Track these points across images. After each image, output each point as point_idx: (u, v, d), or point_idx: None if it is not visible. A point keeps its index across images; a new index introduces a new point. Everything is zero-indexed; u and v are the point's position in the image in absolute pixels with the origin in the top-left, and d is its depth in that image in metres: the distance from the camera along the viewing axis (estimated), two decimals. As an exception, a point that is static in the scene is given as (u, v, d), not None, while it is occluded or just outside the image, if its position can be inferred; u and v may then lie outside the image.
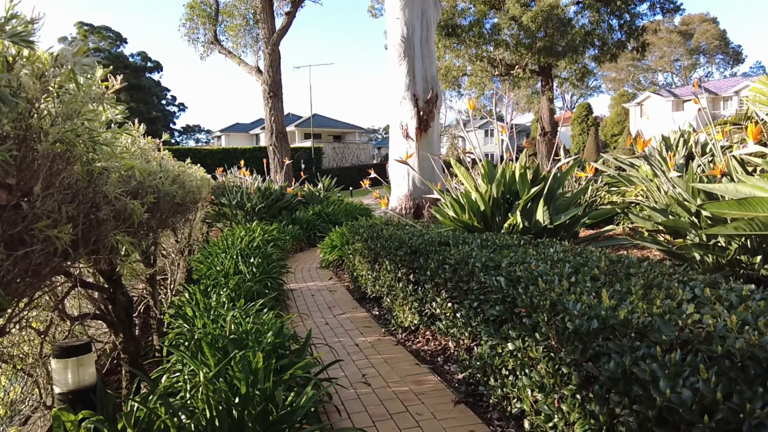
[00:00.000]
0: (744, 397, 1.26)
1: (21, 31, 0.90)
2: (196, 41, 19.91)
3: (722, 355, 1.34)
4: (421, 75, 10.08)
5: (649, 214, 4.76)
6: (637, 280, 2.23)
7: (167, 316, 4.46)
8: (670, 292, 1.96)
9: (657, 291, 1.99)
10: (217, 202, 12.01)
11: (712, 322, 1.54)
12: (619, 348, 1.57)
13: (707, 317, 1.61)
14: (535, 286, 2.34)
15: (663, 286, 2.08)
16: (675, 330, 1.55)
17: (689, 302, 1.85)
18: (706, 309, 1.69)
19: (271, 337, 3.28)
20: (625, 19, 24.95)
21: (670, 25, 59.13)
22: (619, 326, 1.65)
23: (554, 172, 5.30)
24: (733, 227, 2.89)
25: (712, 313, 1.64)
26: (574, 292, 2.09)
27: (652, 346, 1.48)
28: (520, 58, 25.59)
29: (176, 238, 5.62)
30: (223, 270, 5.91)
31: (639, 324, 1.62)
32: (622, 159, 7.50)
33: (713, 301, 1.84)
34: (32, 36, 0.93)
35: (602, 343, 1.66)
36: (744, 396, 1.26)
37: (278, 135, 17.34)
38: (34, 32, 0.94)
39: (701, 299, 1.87)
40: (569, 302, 1.94)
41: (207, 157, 33.44)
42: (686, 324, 1.57)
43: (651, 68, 64.98)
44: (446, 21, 24.51)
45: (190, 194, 4.95)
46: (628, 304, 1.85)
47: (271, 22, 17.53)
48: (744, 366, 1.31)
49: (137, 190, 2.51)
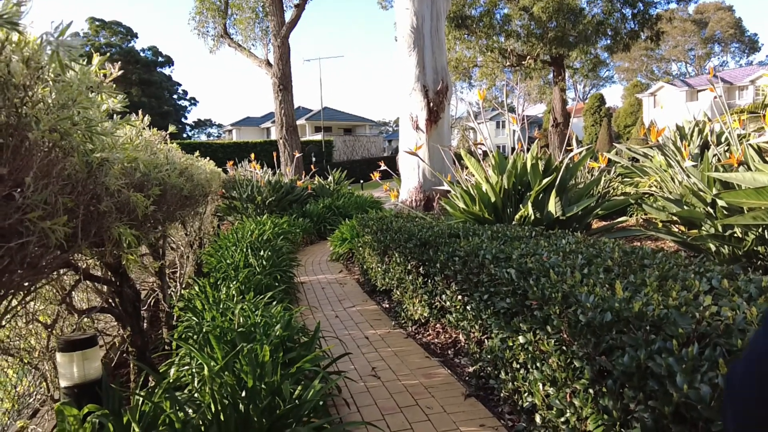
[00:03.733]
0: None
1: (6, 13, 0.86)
2: (206, 35, 19.92)
3: (742, 349, 1.29)
4: (431, 66, 9.99)
5: (663, 205, 4.68)
6: (651, 271, 2.17)
7: (177, 309, 4.46)
8: (686, 283, 1.90)
9: (672, 283, 1.92)
10: (228, 196, 12.02)
11: (731, 314, 1.49)
12: (633, 341, 1.51)
13: (725, 309, 1.55)
14: (547, 278, 2.29)
15: (679, 278, 2.02)
16: (692, 323, 1.50)
17: (706, 294, 1.79)
18: (725, 301, 1.63)
19: (279, 329, 3.25)
20: (638, 8, 24.57)
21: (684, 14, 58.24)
22: (634, 319, 1.60)
23: (566, 163, 5.23)
24: (751, 217, 2.81)
25: (731, 305, 1.58)
26: (586, 284, 2.03)
27: (668, 339, 1.43)
28: (531, 49, 25.32)
29: (186, 231, 5.61)
30: (233, 263, 5.90)
31: (654, 316, 1.56)
32: (636, 149, 7.39)
33: (731, 293, 1.78)
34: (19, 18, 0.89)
35: (616, 337, 1.60)
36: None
37: (288, 128, 17.32)
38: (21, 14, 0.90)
39: (719, 291, 1.81)
40: (582, 294, 1.89)
41: (218, 151, 33.60)
42: (704, 316, 1.51)
43: (664, 58, 64.15)
44: (456, 12, 24.31)
45: (199, 187, 4.93)
46: (643, 296, 1.79)
47: (280, 14, 17.47)
48: (765, 360, 1.25)
49: (142, 182, 2.48)
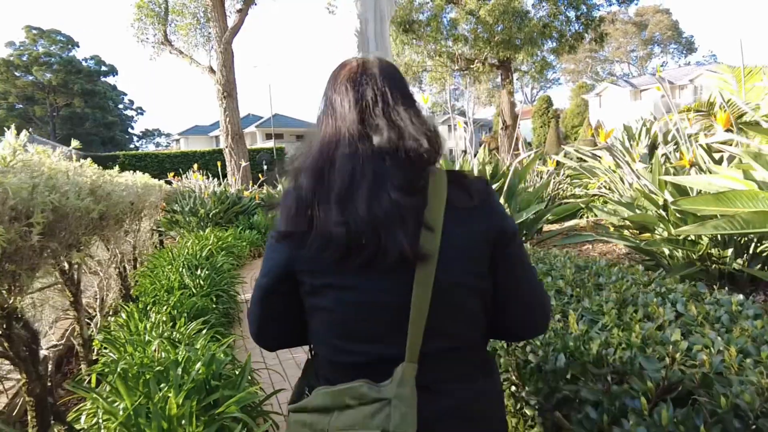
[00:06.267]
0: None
1: None
2: (146, 41, 19.10)
3: (727, 411, 1.03)
4: (376, 70, 9.73)
5: (615, 209, 4.51)
6: (608, 293, 1.92)
7: (97, 342, 4.02)
8: (648, 310, 1.64)
9: (633, 309, 1.67)
10: (169, 209, 11.44)
11: (707, 356, 1.23)
12: (593, 395, 1.24)
13: (698, 348, 1.30)
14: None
15: (639, 302, 1.77)
16: (661, 368, 1.23)
17: (672, 323, 1.54)
18: (696, 337, 1.37)
19: (202, 368, 2.88)
20: (582, 10, 25.00)
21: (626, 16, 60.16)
22: (592, 365, 1.33)
23: (514, 167, 5.02)
24: (712, 226, 2.62)
25: (704, 341, 1.33)
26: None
27: (636, 396, 1.16)
28: (479, 52, 25.43)
29: (111, 254, 5.15)
30: (167, 284, 5.46)
31: (616, 361, 1.30)
32: (584, 150, 7.29)
33: (700, 321, 1.54)
34: None
35: (572, 387, 1.33)
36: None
37: (234, 136, 16.77)
38: None
39: (686, 319, 1.56)
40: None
41: (165, 161, 32.75)
42: (674, 358, 1.25)
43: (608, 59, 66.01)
44: (403, 17, 24.21)
45: (121, 205, 4.49)
46: (601, 331, 1.53)
47: (222, 20, 16.92)
48: (759, 428, 0.99)
49: (20, 209, 2.09)
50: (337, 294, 1.06)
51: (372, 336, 1.06)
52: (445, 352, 1.07)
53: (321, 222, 1.02)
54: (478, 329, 1.13)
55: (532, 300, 1.15)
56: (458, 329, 1.08)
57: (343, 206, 1.01)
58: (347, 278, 1.05)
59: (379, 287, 1.04)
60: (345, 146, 1.06)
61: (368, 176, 1.02)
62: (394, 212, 0.99)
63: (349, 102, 1.10)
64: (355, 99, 1.10)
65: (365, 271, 1.03)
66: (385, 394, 0.99)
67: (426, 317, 1.00)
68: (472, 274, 1.07)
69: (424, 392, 1.01)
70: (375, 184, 1.02)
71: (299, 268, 1.10)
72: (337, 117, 1.10)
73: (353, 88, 1.11)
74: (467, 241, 1.06)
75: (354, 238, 1.00)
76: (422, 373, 1.02)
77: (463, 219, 1.06)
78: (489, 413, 1.14)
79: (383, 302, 1.04)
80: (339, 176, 1.03)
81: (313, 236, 1.03)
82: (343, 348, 1.09)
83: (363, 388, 1.00)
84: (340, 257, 1.02)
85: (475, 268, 1.07)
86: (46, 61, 55.59)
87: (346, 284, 1.05)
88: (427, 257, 1.00)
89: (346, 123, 1.08)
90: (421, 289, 1.00)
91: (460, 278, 1.05)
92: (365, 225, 0.99)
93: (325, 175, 1.04)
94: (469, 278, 1.06)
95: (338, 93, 1.13)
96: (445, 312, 1.03)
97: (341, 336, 1.08)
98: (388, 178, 1.02)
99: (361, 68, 1.14)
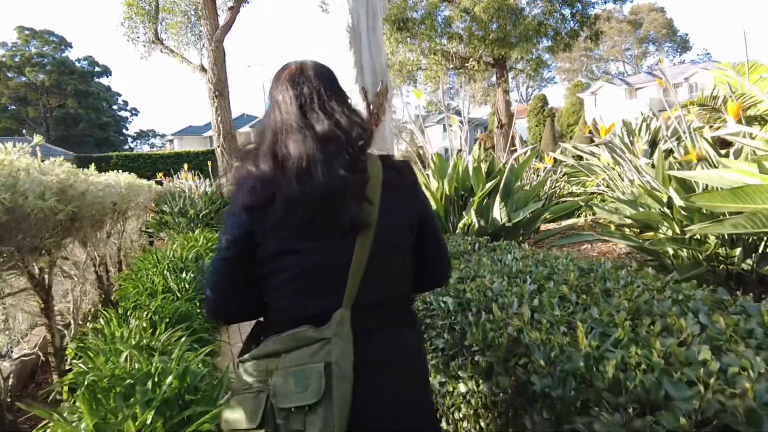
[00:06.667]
0: None
1: None
2: (137, 40, 18.77)
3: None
4: (369, 66, 9.44)
5: (616, 207, 4.30)
6: (619, 300, 1.71)
7: (70, 351, 3.80)
8: (668, 322, 1.43)
9: (649, 321, 1.46)
10: (158, 210, 11.19)
11: (748, 383, 1.02)
12: (611, 429, 1.03)
13: (733, 370, 1.09)
14: (489, 314, 1.80)
15: (656, 312, 1.56)
16: (692, 397, 1.02)
17: (697, 337, 1.33)
18: (731, 357, 1.16)
19: (175, 381, 2.66)
20: (577, 8, 24.81)
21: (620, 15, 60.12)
22: (607, 390, 1.11)
23: (510, 165, 4.80)
24: (731, 224, 2.41)
25: (740, 362, 1.12)
26: (539, 325, 1.55)
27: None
28: (473, 51, 25.19)
29: (90, 257, 4.91)
30: (150, 288, 5.23)
31: (637, 387, 1.08)
32: (582, 147, 7.08)
33: (729, 334, 1.32)
34: None
35: (585, 419, 1.11)
36: None
37: (226, 135, 16.47)
38: None
39: (711, 331, 1.35)
40: (533, 344, 1.41)
41: (158, 162, 32.53)
42: (707, 382, 1.04)
43: (603, 58, 65.98)
44: (397, 15, 23.98)
45: (98, 205, 4.26)
46: (615, 347, 1.31)
47: (213, 18, 16.61)
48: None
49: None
50: (296, 257, 1.25)
51: (323, 291, 1.25)
52: (378, 305, 1.29)
53: (284, 195, 1.21)
54: (404, 287, 1.39)
55: (447, 257, 1.51)
56: (388, 286, 1.32)
57: (303, 181, 1.20)
58: (304, 243, 1.25)
59: (330, 250, 1.25)
60: (294, 133, 1.25)
61: (319, 157, 1.22)
62: (345, 187, 1.21)
63: (290, 97, 1.31)
64: (295, 95, 1.31)
65: (319, 236, 1.24)
66: (325, 334, 1.18)
67: (363, 273, 1.22)
68: (401, 241, 1.33)
69: (361, 337, 1.21)
70: (326, 163, 1.22)
71: (264, 235, 1.26)
72: (282, 110, 1.30)
73: (292, 87, 1.32)
74: (398, 214, 1.31)
75: (313, 207, 1.20)
76: (359, 321, 1.22)
77: (396, 196, 1.30)
78: (413, 359, 1.36)
79: (333, 263, 1.24)
80: (295, 158, 1.22)
81: (277, 206, 1.21)
82: (300, 302, 1.27)
83: (308, 331, 1.20)
84: (300, 224, 1.22)
85: (403, 236, 1.33)
86: (38, 61, 55.18)
87: (304, 248, 1.25)
88: (369, 225, 1.23)
89: (290, 115, 1.28)
90: (361, 251, 1.22)
91: (392, 243, 1.29)
92: (322, 197, 1.20)
93: (281, 157, 1.24)
94: (398, 244, 1.32)
95: (280, 91, 1.33)
96: (379, 270, 1.25)
97: (299, 292, 1.27)
98: (335, 159, 1.23)
99: (298, 70, 1.37)
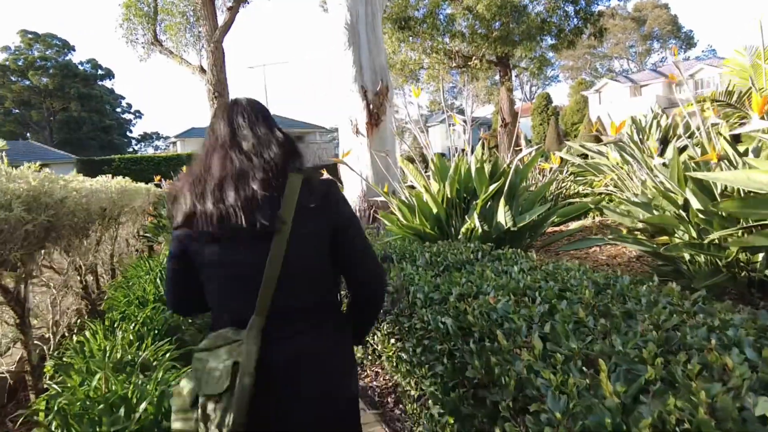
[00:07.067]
0: None
1: None
2: (136, 42, 18.63)
3: None
4: (368, 65, 9.26)
5: (628, 209, 4.05)
6: (645, 327, 1.46)
7: (48, 368, 3.58)
8: (707, 360, 1.19)
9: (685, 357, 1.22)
10: (155, 214, 10.98)
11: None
12: None
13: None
14: (494, 342, 1.57)
15: (689, 343, 1.32)
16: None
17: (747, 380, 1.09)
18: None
19: (150, 407, 2.43)
20: (580, 5, 24.55)
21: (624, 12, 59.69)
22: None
23: (515, 165, 4.56)
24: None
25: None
26: (552, 361, 1.32)
27: None
28: (476, 49, 24.97)
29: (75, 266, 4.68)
30: (141, 297, 5.00)
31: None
32: (590, 146, 6.82)
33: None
34: None
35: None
36: None
37: (226, 138, 16.27)
38: None
39: (765, 372, 1.11)
40: (547, 387, 1.17)
41: (161, 164, 32.54)
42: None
43: (607, 55, 65.60)
44: (398, 14, 23.76)
45: (81, 212, 4.04)
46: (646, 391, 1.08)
47: (212, 18, 16.42)
48: None
49: None
50: (217, 269, 1.41)
51: (241, 298, 1.39)
52: (295, 311, 1.40)
53: (201, 210, 1.37)
54: (322, 294, 1.48)
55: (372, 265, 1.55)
56: (304, 293, 1.42)
57: (216, 196, 1.36)
58: (223, 255, 1.38)
59: (247, 261, 1.37)
60: (219, 152, 1.43)
61: (235, 173, 1.37)
62: (254, 200, 1.35)
63: (224, 122, 1.48)
64: (228, 120, 1.49)
65: (236, 248, 1.37)
66: (240, 336, 1.32)
67: (275, 284, 1.34)
68: (315, 252, 1.43)
69: (274, 341, 1.34)
70: (240, 178, 1.37)
71: (192, 249, 1.43)
72: (215, 135, 1.48)
73: (227, 113, 1.51)
74: (312, 227, 1.41)
75: (224, 217, 1.34)
76: (274, 325, 1.35)
77: (308, 214, 1.39)
78: (327, 362, 1.44)
79: (248, 274, 1.37)
80: (213, 175, 1.39)
81: (196, 221, 1.37)
82: (224, 307, 1.44)
83: (229, 332, 1.35)
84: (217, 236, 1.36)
85: (317, 247, 1.44)
86: (42, 65, 55.24)
87: (223, 260, 1.39)
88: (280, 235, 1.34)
89: (221, 136, 1.46)
90: (272, 264, 1.34)
91: (305, 254, 1.40)
92: (232, 208, 1.34)
93: (201, 177, 1.41)
94: (311, 254, 1.42)
95: (216, 118, 1.52)
96: (293, 280, 1.37)
97: (222, 298, 1.44)
98: (250, 174, 1.38)
99: (232, 102, 1.56)
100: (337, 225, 1.46)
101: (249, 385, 1.26)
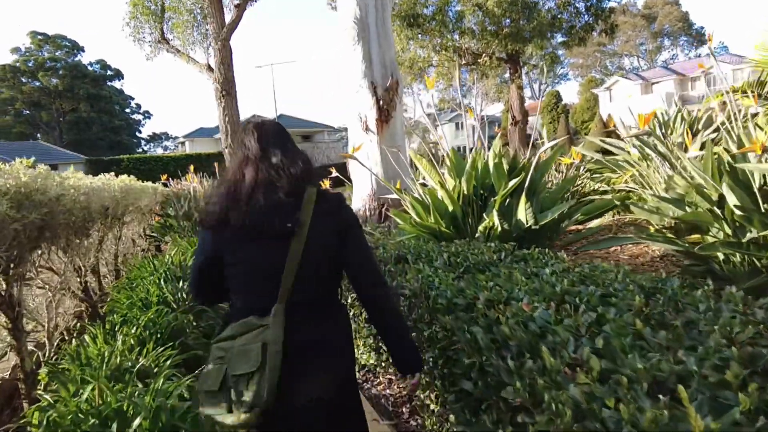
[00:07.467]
0: None
1: None
2: (143, 41, 18.47)
3: None
4: (378, 60, 9.02)
5: (657, 206, 3.80)
6: (716, 341, 1.23)
7: (43, 376, 3.39)
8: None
9: None
10: (163, 214, 10.82)
11: None
12: None
13: None
14: (536, 358, 1.34)
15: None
16: None
17: None
18: None
19: (145, 422, 2.23)
20: (591, 1, 24.20)
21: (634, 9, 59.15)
22: None
23: (536, 159, 4.31)
24: None
25: None
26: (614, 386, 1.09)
27: None
28: (486, 46, 24.67)
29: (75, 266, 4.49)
30: (144, 299, 4.80)
31: None
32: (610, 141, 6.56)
33: None
34: None
35: None
36: None
37: (234, 136, 16.11)
38: None
39: None
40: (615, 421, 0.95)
41: (169, 164, 32.72)
42: None
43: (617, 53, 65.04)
44: (407, 11, 23.49)
45: (79, 211, 3.85)
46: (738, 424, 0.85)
47: (220, 16, 16.23)
48: None
49: None
50: (244, 264, 1.68)
51: (264, 291, 1.65)
52: (308, 302, 1.66)
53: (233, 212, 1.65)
54: (330, 288, 1.77)
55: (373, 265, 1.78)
56: (316, 287, 1.70)
57: (247, 201, 1.65)
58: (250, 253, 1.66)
59: (269, 259, 1.65)
60: (251, 165, 1.73)
61: (264, 183, 1.69)
62: (278, 206, 1.65)
63: (254, 138, 1.77)
64: (258, 136, 1.78)
65: (260, 247, 1.65)
66: (265, 322, 1.58)
67: (294, 277, 1.61)
68: (326, 251, 1.70)
69: (292, 326, 1.59)
70: (268, 188, 1.69)
71: (223, 248, 1.70)
72: (246, 149, 1.77)
73: (257, 130, 1.80)
74: (325, 230, 1.69)
75: (254, 219, 1.63)
76: (292, 314, 1.61)
77: (324, 217, 1.69)
78: (334, 347, 1.71)
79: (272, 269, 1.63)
80: (247, 185, 1.70)
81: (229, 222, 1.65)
82: (248, 299, 1.70)
83: (253, 320, 1.61)
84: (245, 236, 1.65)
85: (328, 248, 1.70)
86: (51, 66, 55.47)
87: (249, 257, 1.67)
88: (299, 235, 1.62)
89: (252, 151, 1.75)
90: (292, 259, 1.61)
91: (319, 253, 1.68)
92: (261, 212, 1.63)
93: (237, 185, 1.72)
94: (324, 253, 1.70)
95: (247, 135, 1.80)
96: (308, 274, 1.65)
97: (248, 290, 1.70)
98: (277, 185, 1.69)
99: (261, 121, 1.87)
100: (344, 225, 1.75)
101: (279, 362, 1.50)
